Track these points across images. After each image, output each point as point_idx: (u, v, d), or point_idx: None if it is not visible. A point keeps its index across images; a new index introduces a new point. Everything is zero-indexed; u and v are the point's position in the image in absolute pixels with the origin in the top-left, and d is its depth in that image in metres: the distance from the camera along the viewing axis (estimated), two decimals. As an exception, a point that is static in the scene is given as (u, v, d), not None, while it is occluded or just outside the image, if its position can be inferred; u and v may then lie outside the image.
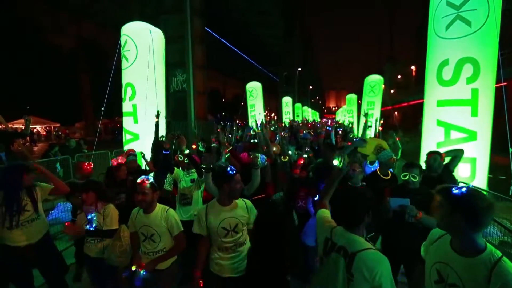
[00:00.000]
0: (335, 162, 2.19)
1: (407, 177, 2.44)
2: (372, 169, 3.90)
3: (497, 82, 3.81)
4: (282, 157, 3.94)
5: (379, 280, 1.31)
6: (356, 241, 1.44)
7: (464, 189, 1.26)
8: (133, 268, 2.14)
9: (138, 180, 2.22)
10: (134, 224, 2.31)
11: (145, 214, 2.24)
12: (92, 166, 3.39)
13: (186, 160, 3.37)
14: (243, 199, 2.32)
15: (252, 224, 2.26)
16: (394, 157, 3.25)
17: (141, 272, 2.12)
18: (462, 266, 1.26)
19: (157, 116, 4.19)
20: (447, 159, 3.12)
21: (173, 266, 2.34)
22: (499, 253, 1.20)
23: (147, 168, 4.37)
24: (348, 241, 1.46)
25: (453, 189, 1.27)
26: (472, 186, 1.37)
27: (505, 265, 1.16)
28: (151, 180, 2.22)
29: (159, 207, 2.28)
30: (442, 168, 3.02)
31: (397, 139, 4.38)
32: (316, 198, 3.28)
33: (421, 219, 2.20)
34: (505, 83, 4.02)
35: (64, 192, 2.76)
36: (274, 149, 3.96)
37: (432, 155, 3.01)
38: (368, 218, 1.48)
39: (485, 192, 3.49)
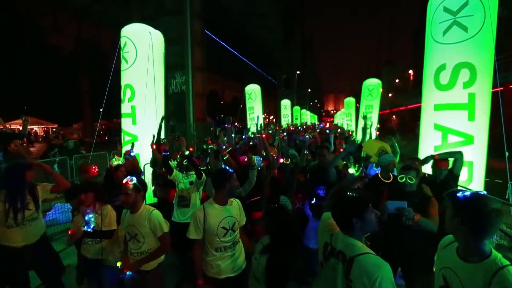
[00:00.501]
0: (351, 170, 2.26)
1: (404, 180, 2.45)
2: (377, 171, 3.91)
3: (493, 87, 3.86)
4: (284, 160, 3.97)
5: (379, 286, 1.23)
6: (355, 246, 1.38)
7: (467, 194, 1.23)
8: (118, 264, 2.17)
9: (123, 181, 2.24)
10: (123, 223, 2.34)
11: (131, 214, 2.26)
12: (97, 170, 3.41)
13: (185, 162, 3.37)
14: (234, 198, 2.35)
15: (243, 222, 2.32)
16: (395, 161, 3.27)
17: (127, 272, 2.15)
18: (464, 272, 1.23)
19: (162, 120, 4.25)
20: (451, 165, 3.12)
21: (159, 267, 2.35)
22: (505, 262, 1.16)
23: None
24: (346, 245, 1.41)
25: (458, 193, 1.26)
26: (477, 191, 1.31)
27: (507, 274, 1.11)
28: (135, 181, 2.24)
29: (144, 207, 2.29)
30: (443, 173, 3.02)
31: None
32: (313, 202, 3.30)
33: (418, 222, 2.21)
34: (501, 88, 4.07)
35: (65, 188, 2.77)
36: (272, 152, 3.99)
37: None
38: (359, 222, 1.40)
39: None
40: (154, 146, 3.91)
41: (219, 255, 2.15)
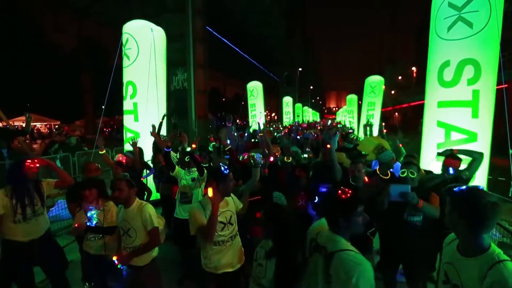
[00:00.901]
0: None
1: (405, 174, 2.43)
2: (375, 168, 3.89)
3: (498, 84, 3.82)
4: (285, 158, 3.96)
5: (356, 283, 1.22)
6: (338, 242, 1.39)
7: (463, 188, 1.24)
8: (114, 259, 2.18)
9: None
10: (117, 218, 2.36)
11: (125, 209, 2.29)
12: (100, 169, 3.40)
13: (187, 158, 3.37)
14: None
15: (240, 206, 2.39)
16: (395, 157, 3.25)
17: (118, 265, 2.17)
18: (463, 266, 1.25)
19: (163, 118, 4.25)
20: (464, 166, 3.09)
21: (153, 263, 2.35)
22: (504, 257, 1.16)
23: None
24: (329, 240, 1.43)
25: (455, 188, 1.27)
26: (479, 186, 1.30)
27: (503, 268, 1.11)
28: (127, 177, 2.27)
29: (137, 202, 2.30)
30: (449, 172, 2.99)
31: (401, 145, 4.32)
32: (316, 201, 3.28)
33: (422, 207, 2.21)
34: (506, 85, 4.04)
35: (69, 183, 2.79)
36: (274, 150, 3.99)
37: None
38: (345, 223, 1.41)
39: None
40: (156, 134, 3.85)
41: (218, 249, 2.16)
